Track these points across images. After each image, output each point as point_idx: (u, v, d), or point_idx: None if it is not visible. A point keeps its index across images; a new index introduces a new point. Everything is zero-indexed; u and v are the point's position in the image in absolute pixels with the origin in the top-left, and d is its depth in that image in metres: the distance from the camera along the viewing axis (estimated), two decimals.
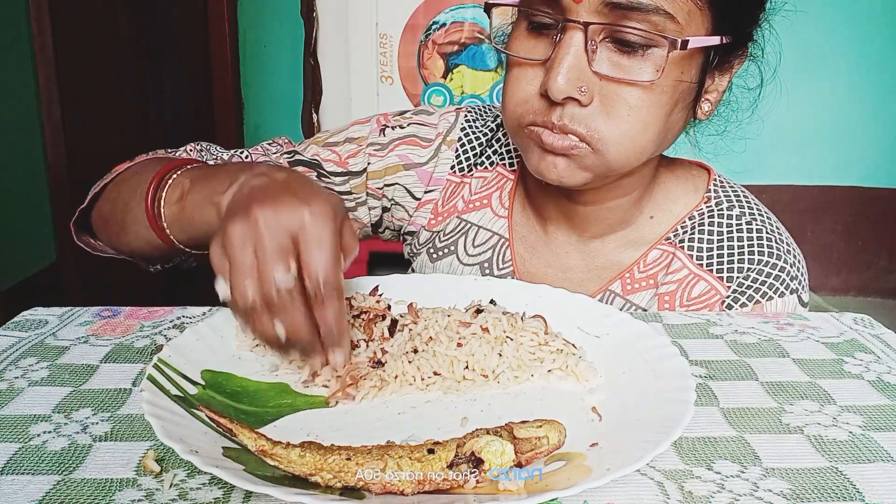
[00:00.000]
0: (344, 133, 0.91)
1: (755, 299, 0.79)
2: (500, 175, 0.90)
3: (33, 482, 0.44)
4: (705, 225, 0.82)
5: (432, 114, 0.94)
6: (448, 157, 0.90)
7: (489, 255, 0.87)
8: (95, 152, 2.20)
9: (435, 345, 0.58)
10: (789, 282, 0.80)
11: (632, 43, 0.66)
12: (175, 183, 0.70)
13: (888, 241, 3.05)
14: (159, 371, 0.51)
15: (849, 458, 0.48)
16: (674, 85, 0.69)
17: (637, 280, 0.82)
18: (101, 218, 0.81)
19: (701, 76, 0.72)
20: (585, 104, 0.68)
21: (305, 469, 0.42)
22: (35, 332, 0.66)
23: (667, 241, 0.82)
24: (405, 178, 0.90)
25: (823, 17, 2.84)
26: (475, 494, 0.42)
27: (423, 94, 2.56)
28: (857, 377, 0.60)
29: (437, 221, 0.90)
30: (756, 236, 0.81)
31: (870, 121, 2.96)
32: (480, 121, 0.93)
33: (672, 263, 0.81)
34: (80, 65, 2.14)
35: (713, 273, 0.80)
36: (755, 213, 0.84)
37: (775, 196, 2.99)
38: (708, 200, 0.84)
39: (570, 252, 0.85)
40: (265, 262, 0.51)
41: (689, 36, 0.66)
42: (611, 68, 0.67)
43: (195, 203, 0.66)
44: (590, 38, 0.66)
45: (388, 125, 0.91)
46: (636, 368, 0.56)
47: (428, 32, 2.50)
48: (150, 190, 0.71)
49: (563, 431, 0.46)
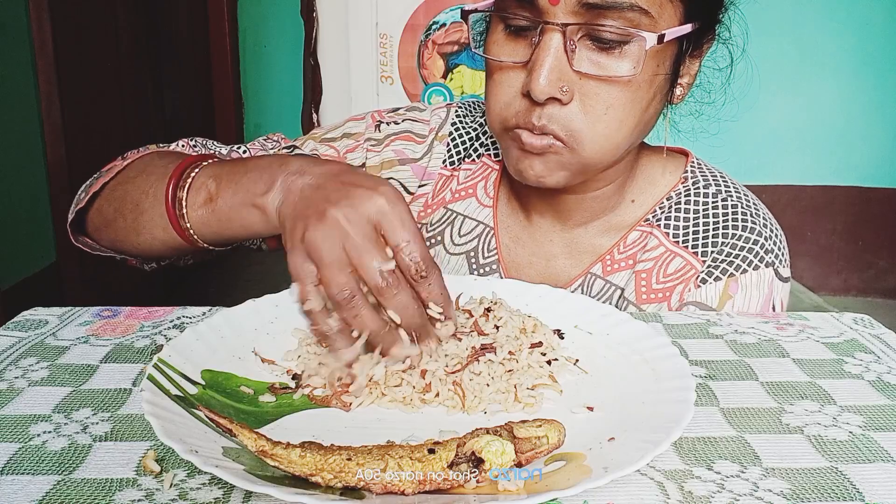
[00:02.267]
0: (340, 129, 0.93)
1: (729, 272, 0.80)
2: (485, 165, 0.92)
3: (33, 482, 0.44)
4: (682, 204, 0.84)
5: (424, 110, 0.95)
6: (440, 152, 0.92)
7: (475, 244, 0.88)
8: (95, 152, 2.20)
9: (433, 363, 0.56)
10: (763, 255, 0.80)
11: (609, 40, 0.68)
12: (198, 184, 0.68)
13: (888, 241, 3.06)
14: (159, 371, 0.51)
15: (849, 458, 0.48)
16: (650, 79, 0.71)
17: (617, 261, 0.83)
18: (104, 219, 0.79)
19: (675, 65, 0.74)
20: (566, 103, 0.69)
21: (306, 469, 0.42)
22: (35, 332, 0.66)
23: (646, 223, 0.84)
24: (400, 173, 0.91)
25: (823, 17, 2.85)
26: (475, 494, 0.42)
27: (423, 94, 2.56)
28: (857, 377, 0.60)
29: (426, 213, 0.92)
30: (731, 212, 0.82)
31: (870, 121, 2.96)
32: (470, 116, 0.94)
33: (649, 242, 0.82)
34: (80, 65, 2.14)
35: (688, 249, 0.81)
36: (731, 191, 0.85)
37: (775, 196, 2.99)
38: (685, 181, 0.85)
39: (554, 240, 0.86)
40: (362, 254, 0.52)
41: (663, 27, 0.68)
42: (591, 66, 0.69)
43: (231, 206, 0.64)
44: (568, 38, 0.68)
45: (383, 121, 0.93)
46: (636, 368, 0.56)
47: (428, 32, 2.50)
48: (169, 191, 0.68)
49: (562, 431, 0.46)
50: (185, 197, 0.68)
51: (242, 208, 0.63)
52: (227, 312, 0.62)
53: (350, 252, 0.53)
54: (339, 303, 0.53)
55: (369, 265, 0.52)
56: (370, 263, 0.52)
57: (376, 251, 0.53)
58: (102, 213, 0.79)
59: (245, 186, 0.63)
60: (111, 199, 0.78)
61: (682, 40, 0.72)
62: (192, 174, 0.68)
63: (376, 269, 0.52)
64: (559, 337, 0.63)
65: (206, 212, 0.67)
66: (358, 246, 0.53)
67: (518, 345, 0.59)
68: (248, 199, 0.62)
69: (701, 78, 0.79)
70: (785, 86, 2.90)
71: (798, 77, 2.91)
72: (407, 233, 0.53)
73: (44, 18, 1.97)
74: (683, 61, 0.75)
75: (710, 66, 0.80)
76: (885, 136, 2.98)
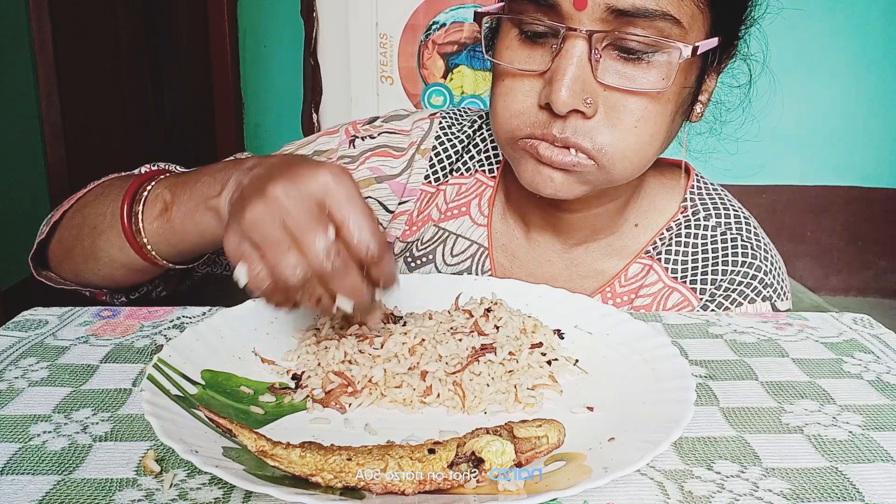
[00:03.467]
0: (312, 146, 0.88)
1: (724, 306, 0.78)
2: (479, 182, 0.87)
3: (33, 482, 0.44)
4: (682, 237, 0.81)
5: (405, 118, 0.89)
6: (422, 167, 0.87)
7: (468, 265, 0.85)
8: (95, 152, 2.20)
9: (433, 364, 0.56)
10: (761, 289, 0.79)
11: (636, 50, 0.64)
12: (153, 196, 0.65)
13: (888, 241, 3.05)
14: (159, 371, 0.51)
15: (849, 458, 0.48)
16: (678, 92, 0.67)
17: (618, 294, 0.81)
18: (63, 248, 0.74)
19: (699, 80, 0.71)
20: (590, 116, 0.65)
21: (306, 469, 0.42)
22: (35, 332, 0.66)
23: (646, 255, 0.81)
24: (378, 192, 0.87)
25: (823, 17, 2.85)
26: (475, 494, 0.42)
27: (423, 94, 2.56)
28: (857, 377, 0.60)
29: (411, 232, 0.88)
30: (731, 245, 0.80)
31: (870, 121, 2.96)
32: (457, 126, 0.89)
33: (648, 277, 0.80)
34: (80, 65, 2.14)
35: (686, 284, 0.79)
36: (731, 222, 0.82)
37: (775, 196, 2.99)
38: (685, 210, 0.82)
39: (553, 260, 0.83)
40: (303, 232, 0.49)
41: (692, 39, 0.64)
42: (616, 78, 0.65)
43: (185, 212, 0.62)
44: (593, 46, 0.63)
45: (358, 135, 0.88)
46: (636, 368, 0.56)
47: (428, 32, 2.50)
48: (125, 207, 0.66)
49: (562, 431, 0.46)
50: (142, 211, 0.65)
51: (196, 213, 0.61)
52: (227, 312, 0.62)
53: (291, 230, 0.49)
54: (292, 286, 0.50)
55: (311, 245, 0.48)
56: (312, 242, 0.48)
57: (320, 228, 0.49)
58: (62, 243, 0.75)
59: (199, 191, 0.61)
60: (70, 227, 0.74)
61: (707, 54, 0.68)
62: (148, 188, 0.66)
63: (320, 251, 0.49)
64: (559, 337, 0.63)
65: (162, 222, 0.64)
66: (299, 223, 0.49)
67: (518, 345, 0.59)
68: (202, 203, 0.60)
69: (717, 96, 0.76)
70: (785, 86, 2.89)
71: (798, 77, 2.91)
72: (355, 207, 0.49)
73: (44, 18, 1.97)
74: (706, 76, 0.72)
75: (726, 81, 0.76)
76: (885, 136, 2.98)
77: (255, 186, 0.51)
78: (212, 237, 0.62)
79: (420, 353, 0.57)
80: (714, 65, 0.72)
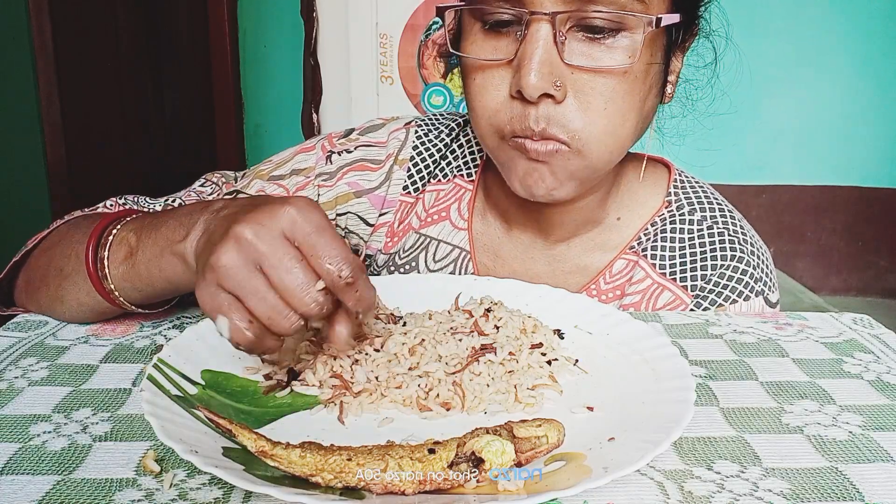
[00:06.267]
0: (289, 164, 0.87)
1: (718, 303, 0.78)
2: (457, 186, 0.87)
3: (33, 482, 0.44)
4: (667, 232, 0.80)
5: (380, 129, 0.89)
6: (400, 178, 0.87)
7: (451, 270, 0.85)
8: (95, 152, 2.20)
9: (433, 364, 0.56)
10: (753, 284, 0.78)
11: (601, 28, 0.64)
12: (118, 240, 0.63)
13: (888, 241, 3.06)
14: (159, 371, 0.51)
15: (849, 458, 0.48)
16: (646, 69, 0.67)
17: (603, 291, 0.80)
18: (30, 289, 0.72)
19: (666, 57, 0.71)
20: (560, 100, 0.65)
21: (306, 470, 0.42)
22: (35, 332, 0.66)
23: (631, 250, 0.81)
24: (357, 206, 0.87)
25: (823, 17, 2.85)
26: (475, 494, 0.42)
27: (423, 94, 2.56)
28: (857, 377, 0.60)
29: (393, 243, 0.88)
30: (718, 240, 0.80)
31: (870, 121, 2.96)
32: (434, 132, 0.89)
33: (635, 274, 0.80)
34: (80, 65, 2.14)
35: (676, 282, 0.79)
36: (716, 215, 0.82)
37: (775, 196, 2.99)
38: (669, 205, 0.82)
39: (536, 257, 0.83)
40: (283, 273, 0.48)
41: (654, 13, 0.65)
42: (583, 59, 0.65)
43: (149, 258, 0.60)
44: (557, 28, 0.64)
45: (335, 150, 0.87)
46: (636, 368, 0.56)
47: (428, 32, 2.50)
48: (90, 251, 0.63)
49: (562, 430, 0.46)
50: (107, 256, 0.63)
51: (161, 258, 0.59)
52: None
53: (267, 273, 0.48)
54: (289, 334, 0.50)
55: (296, 292, 0.48)
56: (298, 285, 0.48)
57: (303, 273, 0.48)
58: (30, 284, 0.72)
59: (164, 235, 0.59)
60: (36, 268, 0.72)
61: (670, 30, 0.69)
62: (114, 231, 0.64)
63: (305, 296, 0.48)
64: (559, 337, 0.63)
65: (127, 267, 0.62)
66: (274, 265, 0.48)
67: (518, 345, 0.59)
68: (167, 248, 0.58)
69: (684, 76, 0.76)
70: (785, 86, 2.90)
71: (798, 77, 2.91)
72: (325, 237, 0.49)
73: (44, 18, 1.97)
74: (672, 55, 0.72)
75: (692, 63, 0.77)
76: (885, 136, 2.98)
77: (222, 229, 0.50)
78: (178, 282, 0.60)
79: (420, 354, 0.57)
80: (679, 43, 0.72)
